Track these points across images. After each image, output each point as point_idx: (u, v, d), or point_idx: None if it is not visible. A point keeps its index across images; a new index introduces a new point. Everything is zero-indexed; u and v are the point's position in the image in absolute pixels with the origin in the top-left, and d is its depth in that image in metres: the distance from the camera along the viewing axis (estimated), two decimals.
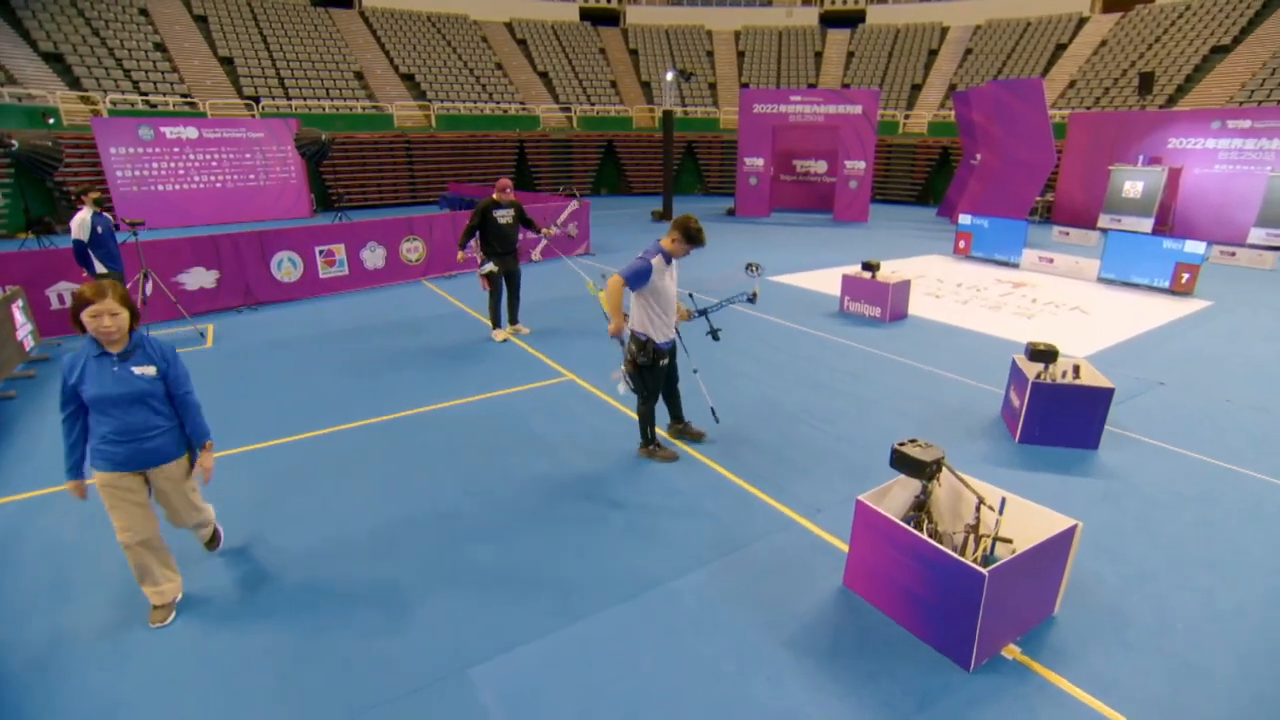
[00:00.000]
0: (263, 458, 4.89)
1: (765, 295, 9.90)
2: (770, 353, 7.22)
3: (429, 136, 23.77)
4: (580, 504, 4.31)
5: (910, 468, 3.23)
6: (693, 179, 27.85)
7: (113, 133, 16.93)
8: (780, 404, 5.85)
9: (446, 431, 5.33)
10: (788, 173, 21.58)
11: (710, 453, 4.96)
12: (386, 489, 4.47)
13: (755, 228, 17.74)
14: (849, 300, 8.90)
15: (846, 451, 4.97)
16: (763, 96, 19.37)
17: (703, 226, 4.48)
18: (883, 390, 6.18)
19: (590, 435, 5.29)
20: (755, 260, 4.84)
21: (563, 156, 26.27)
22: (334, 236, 10.09)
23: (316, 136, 16.38)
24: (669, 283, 4.53)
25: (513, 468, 4.77)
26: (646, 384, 4.70)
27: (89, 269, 7.08)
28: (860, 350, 7.35)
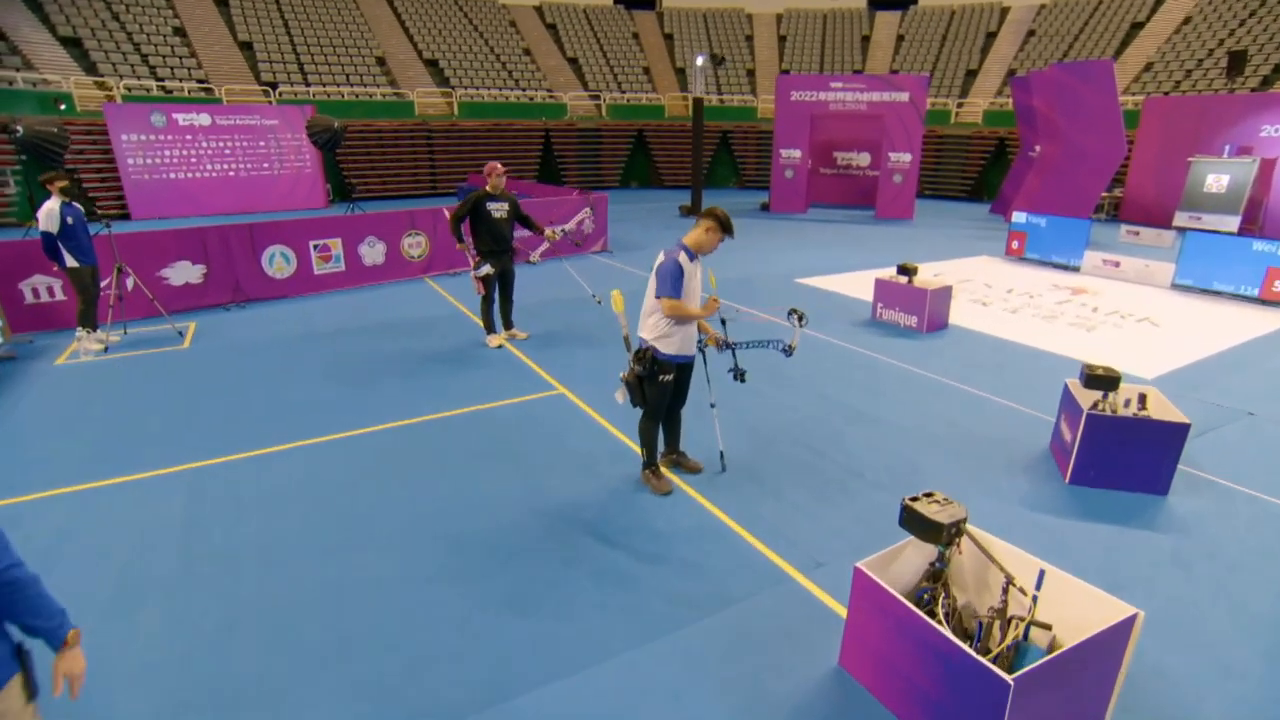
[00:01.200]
0: (200, 478, 4.58)
1: (789, 298, 9.34)
2: (785, 365, 6.69)
3: (451, 125, 23.66)
4: (549, 542, 3.89)
5: (923, 529, 2.72)
6: (728, 172, 27.24)
7: (125, 119, 17.13)
8: (790, 427, 5.33)
9: (418, 450, 4.97)
10: (827, 165, 20.85)
11: (705, 487, 4.49)
12: (332, 520, 4.10)
13: (789, 224, 17.10)
14: (882, 307, 8.30)
15: (861, 490, 4.44)
16: (801, 83, 18.69)
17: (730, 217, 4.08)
18: (912, 414, 5.61)
19: (574, 459, 4.87)
20: (800, 308, 4.34)
21: (590, 147, 25.93)
22: (330, 230, 9.87)
23: (329, 124, 16.31)
24: (694, 285, 4.09)
25: (483, 494, 4.38)
26: (647, 397, 4.26)
27: (59, 262, 6.93)
28: (890, 366, 6.77)
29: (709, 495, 4.38)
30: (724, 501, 4.31)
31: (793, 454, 4.91)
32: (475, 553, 3.81)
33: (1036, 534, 3.99)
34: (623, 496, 4.41)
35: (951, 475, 4.63)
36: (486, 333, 7.43)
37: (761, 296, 9.43)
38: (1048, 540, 3.93)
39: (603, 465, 4.78)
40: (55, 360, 6.92)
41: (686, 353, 4.24)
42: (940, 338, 7.72)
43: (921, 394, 6.05)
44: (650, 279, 4.11)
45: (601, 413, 5.58)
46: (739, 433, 5.22)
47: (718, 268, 12.10)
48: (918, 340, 7.60)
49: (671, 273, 3.98)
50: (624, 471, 4.67)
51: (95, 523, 4.04)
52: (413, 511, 4.20)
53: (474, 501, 4.32)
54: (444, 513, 4.19)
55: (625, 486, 4.51)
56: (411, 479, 4.58)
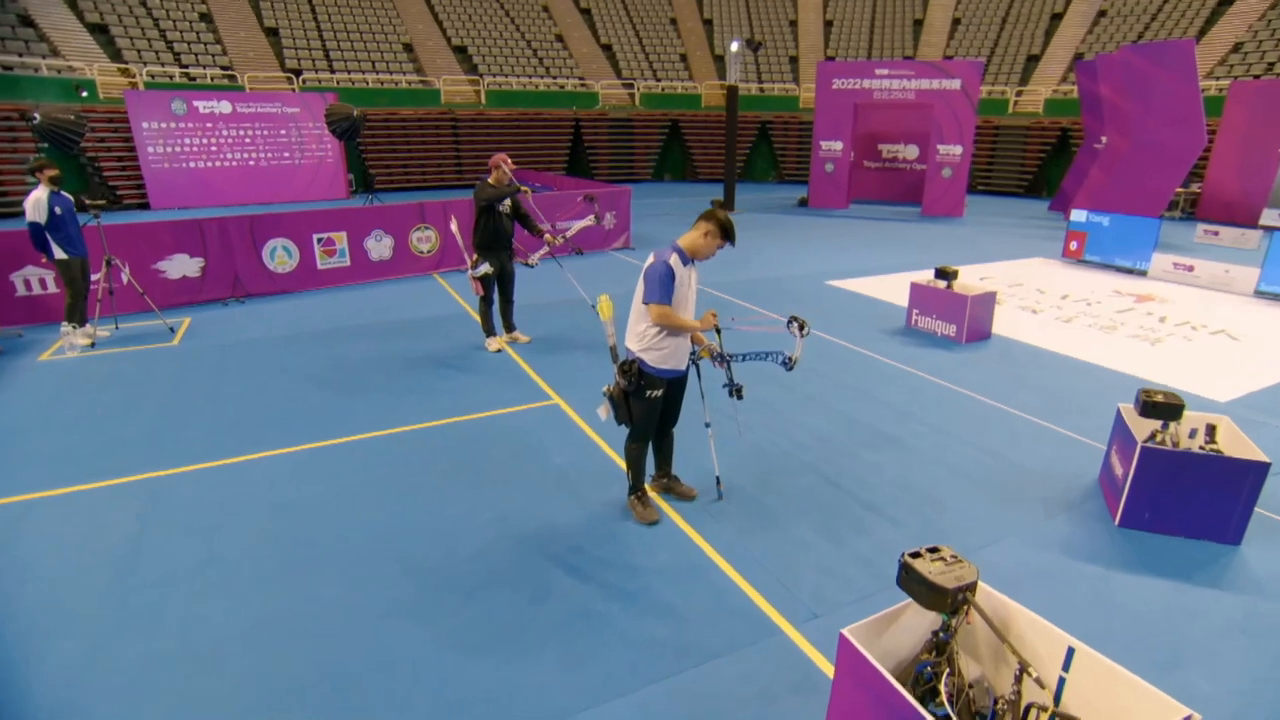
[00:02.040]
0: (155, 490, 4.43)
1: (816, 302, 8.93)
2: (804, 376, 6.30)
3: (477, 114, 23.67)
4: (518, 574, 3.62)
5: (923, 593, 2.35)
6: (766, 165, 26.71)
7: (145, 106, 17.48)
8: (801, 450, 4.95)
9: (393, 464, 4.75)
10: (871, 158, 20.22)
11: (697, 517, 4.16)
12: (286, 541, 3.89)
13: (827, 221, 16.58)
14: (917, 315, 7.82)
15: (876, 526, 4.06)
16: (843, 70, 18.11)
17: (735, 223, 3.76)
18: (943, 437, 5.18)
19: (558, 479, 4.60)
20: (801, 316, 3.99)
21: (622, 138, 25.68)
22: (334, 223, 9.78)
23: (348, 112, 16.36)
24: (687, 291, 3.78)
25: (455, 516, 4.13)
26: (633, 416, 3.96)
27: (48, 254, 6.92)
28: (921, 381, 6.32)
29: (700, 527, 4.05)
30: (716, 535, 3.97)
31: (801, 481, 4.55)
32: (437, 583, 3.56)
33: (1077, 586, 3.56)
34: (605, 524, 4.11)
35: (981, 511, 4.21)
36: (486, 336, 7.21)
37: (786, 299, 9.03)
38: (1089, 595, 3.50)
39: (589, 487, 4.50)
40: (39, 356, 6.93)
41: (678, 366, 3.92)
42: (981, 349, 7.22)
43: (955, 414, 5.61)
44: (639, 283, 3.80)
45: (595, 427, 5.29)
46: (742, 455, 4.87)
47: (744, 265, 11.87)
48: (955, 352, 7.12)
49: (661, 276, 3.67)
50: (611, 495, 4.38)
51: (31, 539, 3.90)
52: (375, 534, 3.97)
53: (444, 524, 4.07)
54: (409, 536, 3.95)
55: (609, 513, 4.22)
56: (379, 497, 4.36)
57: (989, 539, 3.94)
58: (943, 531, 3.99)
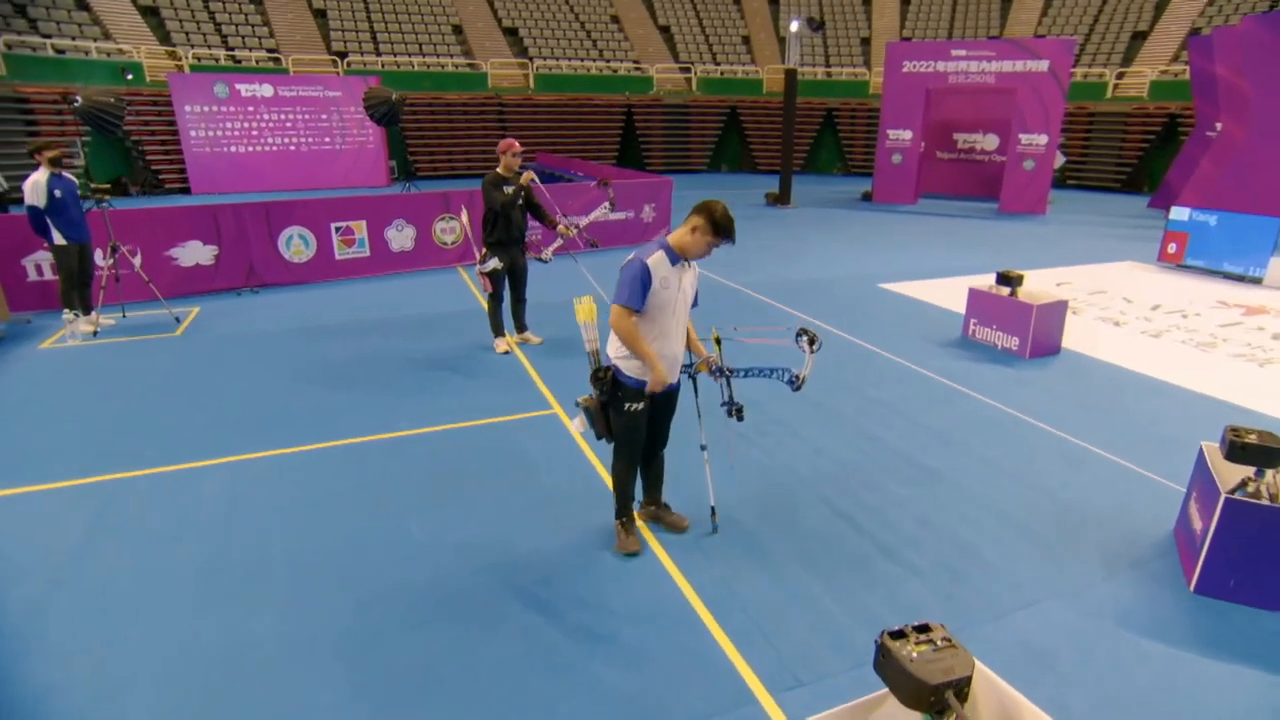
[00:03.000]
0: (113, 492, 4.35)
1: (862, 306, 8.44)
2: (833, 392, 5.87)
3: (524, 99, 23.73)
4: (476, 605, 3.38)
5: (901, 685, 1.96)
6: (832, 156, 25.97)
7: (189, 89, 18.08)
8: (818, 479, 4.55)
9: (366, 475, 4.59)
10: (945, 149, 19.33)
11: (684, 552, 3.82)
12: (230, 559, 3.74)
13: (890, 218, 15.88)
14: (975, 324, 7.26)
15: (889, 575, 3.64)
16: (916, 51, 17.32)
17: (733, 216, 3.39)
18: (989, 469, 4.69)
19: (542, 498, 4.34)
20: (810, 329, 3.62)
21: (677, 125, 25.37)
22: (353, 212, 9.78)
23: (386, 96, 16.52)
24: (674, 295, 3.44)
25: (419, 537, 3.92)
26: (614, 431, 3.67)
27: (48, 239, 7.06)
28: (972, 401, 5.80)
29: (684, 564, 3.71)
30: (701, 574, 3.63)
31: (811, 515, 4.15)
32: (384, 614, 3.34)
33: (1133, 670, 3.07)
34: (584, 552, 3.83)
35: (1023, 563, 3.74)
36: (494, 336, 7.02)
37: (828, 303, 8.57)
38: (1153, 679, 3.01)
39: (574, 509, 4.22)
40: (41, 343, 7.07)
41: (664, 380, 3.59)
42: (1047, 366, 6.62)
43: (1007, 442, 5.09)
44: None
45: (591, 444, 5.00)
46: (747, 482, 4.51)
47: (792, 264, 11.38)
48: (1017, 368, 6.55)
49: (634, 276, 3.35)
50: (595, 520, 4.08)
51: None
52: (329, 552, 3.79)
53: (405, 546, 3.86)
54: (364, 558, 3.75)
55: (592, 539, 3.93)
56: (343, 510, 4.18)
57: (1028, 599, 3.47)
58: (972, 585, 3.54)
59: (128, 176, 18.67)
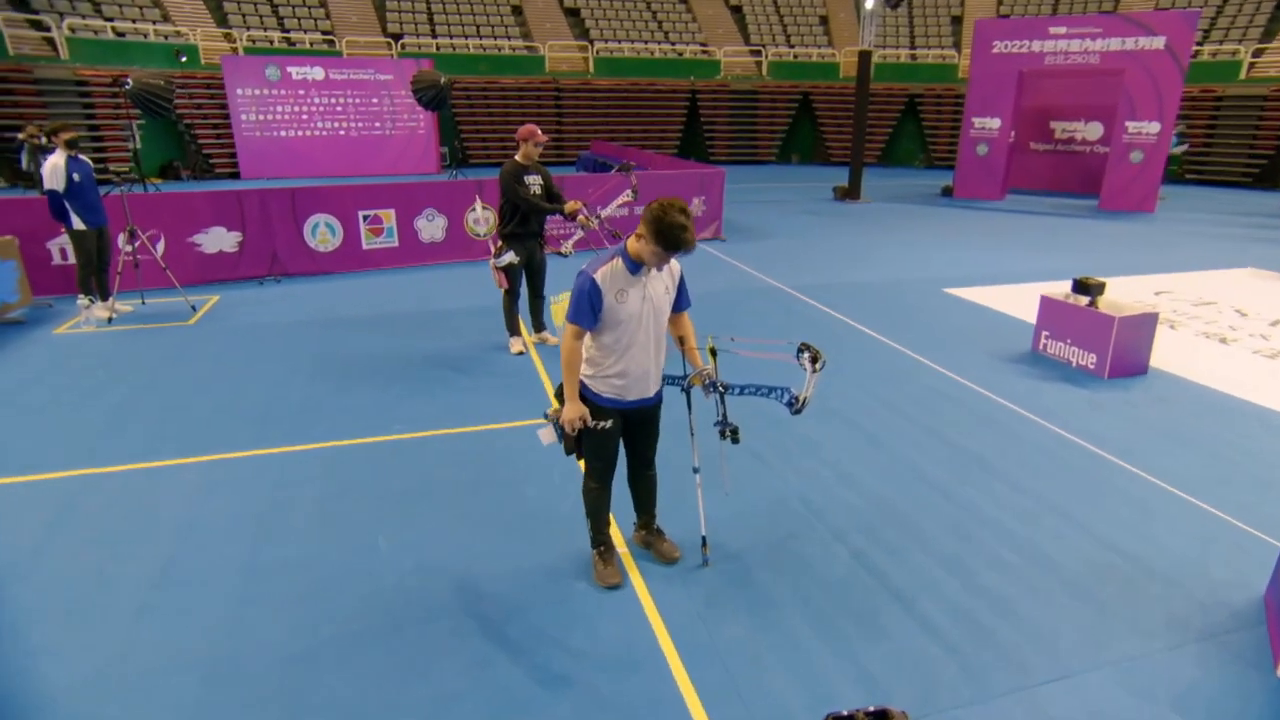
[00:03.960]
0: (79, 489, 4.41)
1: (922, 314, 8.01)
2: (871, 409, 5.51)
3: (583, 83, 23.77)
4: (425, 639, 3.22)
5: None
6: (914, 147, 25.09)
7: (241, 72, 18.75)
8: (837, 508, 4.24)
9: (341, 481, 4.53)
10: (1040, 139, 18.38)
11: (668, 587, 3.59)
12: (170, 568, 3.71)
13: (971, 215, 15.15)
14: (1047, 337, 6.75)
15: (899, 627, 3.31)
16: (1008, 29, 16.48)
17: (687, 223, 3.04)
18: (1041, 507, 4.28)
19: (522, 518, 4.18)
20: (814, 344, 3.36)
21: (745, 112, 24.98)
22: (382, 200, 9.87)
23: (435, 80, 16.74)
24: (638, 307, 3.22)
25: (384, 554, 3.81)
26: (583, 450, 3.50)
27: (66, 223, 7.31)
28: (1034, 426, 5.36)
29: (665, 601, 3.48)
30: (682, 614, 3.39)
31: (819, 551, 3.85)
32: (325, 635, 3.23)
33: None
34: (559, 580, 3.65)
35: (1068, 623, 3.35)
36: (509, 335, 6.92)
37: (883, 308, 8.15)
38: None
39: (557, 531, 4.04)
40: (56, 328, 7.34)
41: (632, 396, 3.37)
42: (1129, 388, 6.08)
43: (1067, 476, 4.65)
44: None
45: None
46: (753, 508, 4.24)
47: (853, 265, 10.92)
48: (1091, 389, 6.03)
49: (580, 292, 3.14)
50: (577, 545, 3.89)
51: None
52: (283, 565, 3.71)
53: (368, 561, 3.75)
54: (320, 572, 3.66)
55: (570, 565, 3.75)
56: (309, 520, 4.11)
57: (1065, 668, 3.10)
58: (996, 646, 3.19)
59: (180, 160, 19.51)
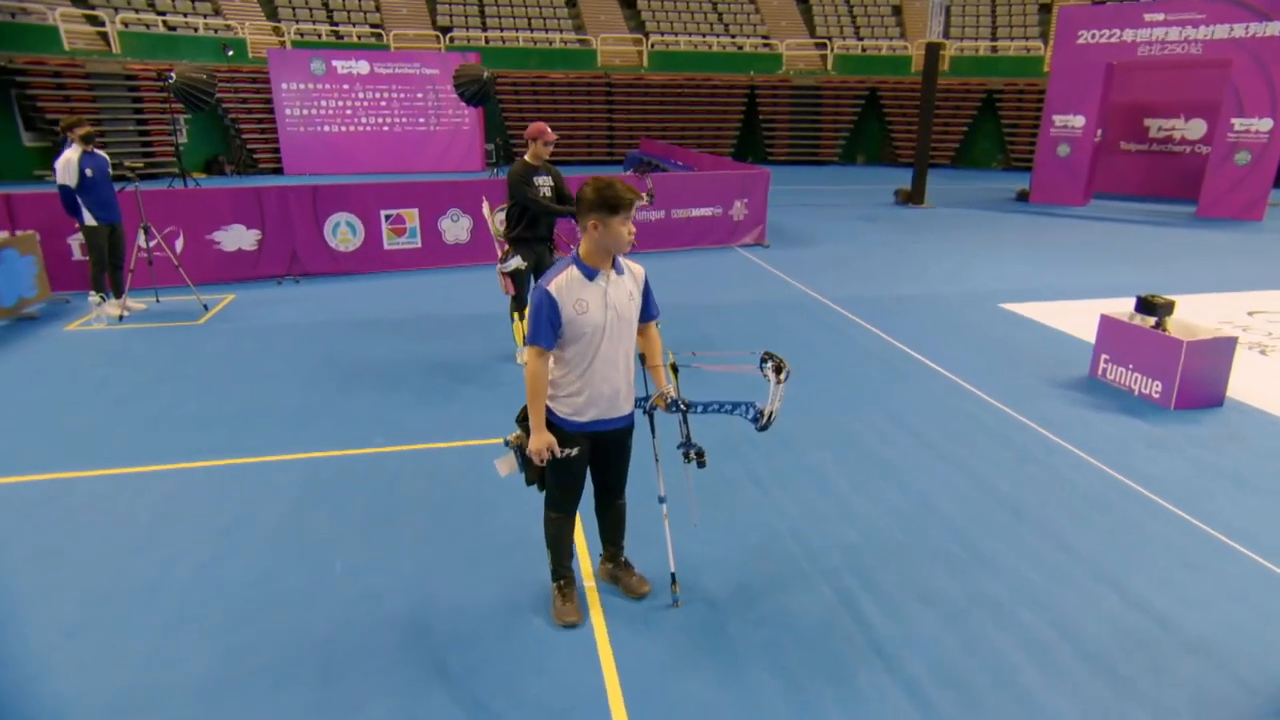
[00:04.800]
0: (31, 495, 4.49)
1: (971, 331, 7.66)
2: (894, 437, 5.23)
3: (636, 78, 23.79)
4: (359, 674, 3.12)
5: None
6: (991, 147, 24.29)
7: (286, 66, 19.35)
8: (833, 548, 3.99)
9: (314, 496, 4.49)
10: (1133, 138, 17.54)
11: (627, 629, 3.42)
12: (121, 589, 3.72)
13: (1047, 222, 14.51)
14: (1106, 361, 6.33)
15: (879, 694, 3.05)
16: (1096, 16, 15.75)
17: (615, 180, 2.96)
18: (1070, 561, 3.93)
19: (490, 545, 4.07)
20: (778, 355, 3.19)
21: (807, 109, 24.60)
22: (406, 199, 9.97)
23: (477, 74, 16.94)
24: (602, 316, 3.08)
25: (337, 577, 3.75)
26: (544, 479, 3.38)
27: (78, 219, 7.57)
28: (1078, 463, 4.99)
29: (623, 647, 3.30)
30: (638, 660, 3.21)
31: (802, 597, 3.62)
32: (256, 664, 3.15)
33: None
34: (516, 614, 3.51)
35: (1072, 699, 3.03)
36: (517, 345, 6.86)
37: (930, 324, 7.82)
38: None
39: (524, 559, 3.91)
40: (67, 325, 7.60)
41: (600, 417, 3.23)
42: (1198, 422, 5.63)
43: (1108, 523, 4.29)
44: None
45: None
46: (742, 542, 4.03)
47: (910, 276, 10.52)
48: (1153, 422, 5.61)
49: (537, 307, 3.02)
50: (542, 577, 3.75)
51: None
52: (230, 584, 3.67)
53: (319, 584, 3.69)
54: (266, 593, 3.60)
55: (529, 599, 3.62)
56: (268, 537, 4.08)
57: None
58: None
59: (225, 155, 20.24)
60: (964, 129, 23.81)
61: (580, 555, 3.98)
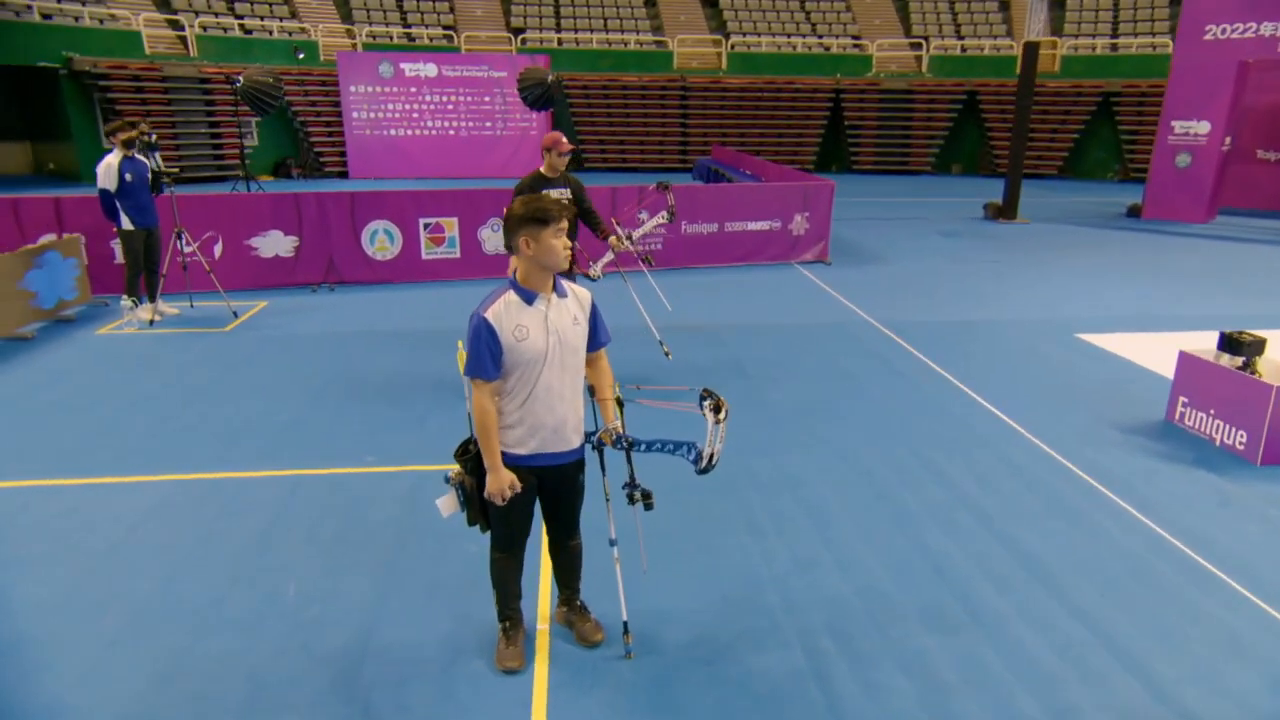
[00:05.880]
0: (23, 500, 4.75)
1: (1035, 363, 7.30)
2: (916, 478, 4.99)
3: (712, 81, 23.76)
4: (279, 710, 3.17)
5: None
6: (1107, 156, 23.15)
7: (355, 69, 20.17)
8: (814, 605, 3.81)
9: (288, 515, 4.61)
10: (1272, 146, 16.42)
11: (569, 681, 3.34)
12: (73, 605, 3.88)
13: (1159, 241, 13.71)
14: (1185, 405, 5.89)
15: None
16: (1226, 9, 14.77)
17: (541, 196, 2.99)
18: (1101, 647, 3.60)
19: (452, 575, 4.08)
20: (716, 393, 3.12)
21: (898, 115, 24.04)
22: (445, 207, 10.19)
23: (541, 78, 17.28)
24: (544, 343, 3.07)
25: (287, 602, 3.82)
26: (489, 517, 3.37)
27: (116, 223, 8.02)
28: (1132, 525, 4.62)
29: (560, 700, 3.22)
30: (572, 718, 3.14)
31: (770, 655, 3.45)
32: (179, 693, 3.23)
33: None
34: (458, 655, 3.49)
35: None
36: None
37: (988, 354, 7.49)
38: None
39: (479, 593, 3.84)
40: (99, 329, 8.07)
41: (544, 450, 3.19)
42: None
43: (1154, 600, 3.93)
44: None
45: None
46: (715, 591, 3.90)
47: (986, 299, 10.06)
48: (1232, 479, 5.16)
49: (473, 336, 3.04)
50: (494, 618, 3.73)
51: None
52: (179, 605, 3.77)
53: (267, 609, 3.76)
54: (211, 618, 3.68)
55: (475, 640, 3.58)
56: (229, 557, 4.18)
57: None
58: None
59: (293, 158, 21.22)
60: (1074, 136, 22.77)
61: (542, 596, 3.94)
